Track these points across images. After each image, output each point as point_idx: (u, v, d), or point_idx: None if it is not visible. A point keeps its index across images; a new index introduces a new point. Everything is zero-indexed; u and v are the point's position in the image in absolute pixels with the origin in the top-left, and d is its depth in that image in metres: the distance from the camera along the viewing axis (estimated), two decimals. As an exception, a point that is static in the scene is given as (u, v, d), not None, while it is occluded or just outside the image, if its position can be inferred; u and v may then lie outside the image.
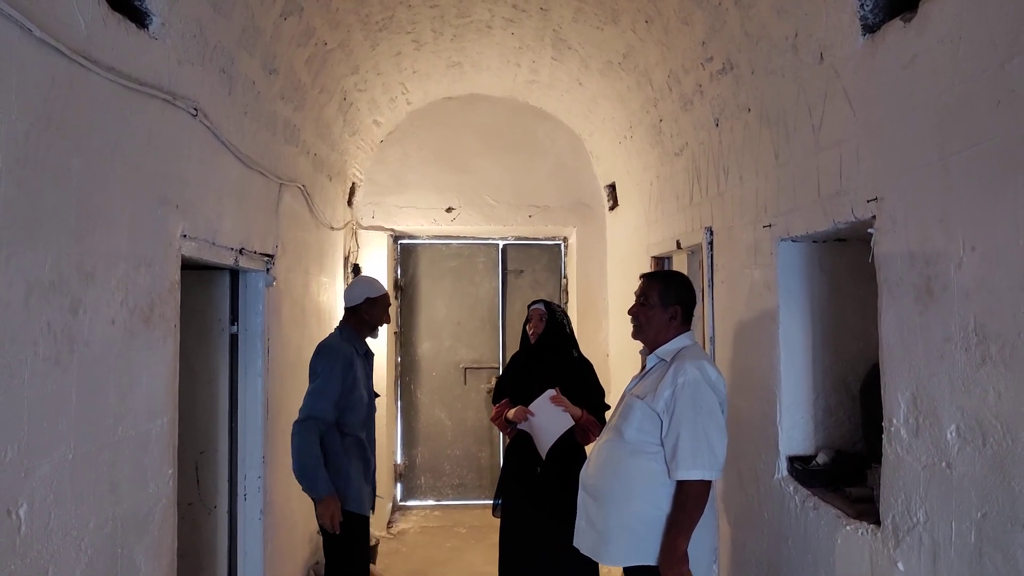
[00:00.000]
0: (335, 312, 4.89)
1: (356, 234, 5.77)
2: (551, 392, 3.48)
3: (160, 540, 2.22)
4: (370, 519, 3.64)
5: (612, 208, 5.89)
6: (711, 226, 3.58)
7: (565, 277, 6.63)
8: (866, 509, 2.36)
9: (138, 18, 2.13)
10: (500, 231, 6.36)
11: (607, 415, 3.32)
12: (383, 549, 5.45)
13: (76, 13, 1.82)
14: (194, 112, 2.47)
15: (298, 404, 3.37)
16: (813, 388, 2.88)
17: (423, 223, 6.10)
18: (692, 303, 2.71)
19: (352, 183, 5.52)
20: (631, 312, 2.72)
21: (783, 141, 2.76)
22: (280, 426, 3.63)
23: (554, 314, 3.78)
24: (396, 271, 6.51)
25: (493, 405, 3.93)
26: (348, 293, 3.54)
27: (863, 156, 2.21)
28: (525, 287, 6.68)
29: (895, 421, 2.09)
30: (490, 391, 6.52)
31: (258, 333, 3.45)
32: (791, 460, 2.84)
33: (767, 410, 2.95)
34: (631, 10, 3.64)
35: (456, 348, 6.61)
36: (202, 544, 3.36)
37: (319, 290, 4.60)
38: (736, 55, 3.04)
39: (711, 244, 3.58)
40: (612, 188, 5.80)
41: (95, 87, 1.91)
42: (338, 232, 5.11)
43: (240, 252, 3.07)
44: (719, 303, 3.53)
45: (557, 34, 4.37)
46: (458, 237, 6.54)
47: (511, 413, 3.66)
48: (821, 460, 2.79)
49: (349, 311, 3.53)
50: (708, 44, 3.23)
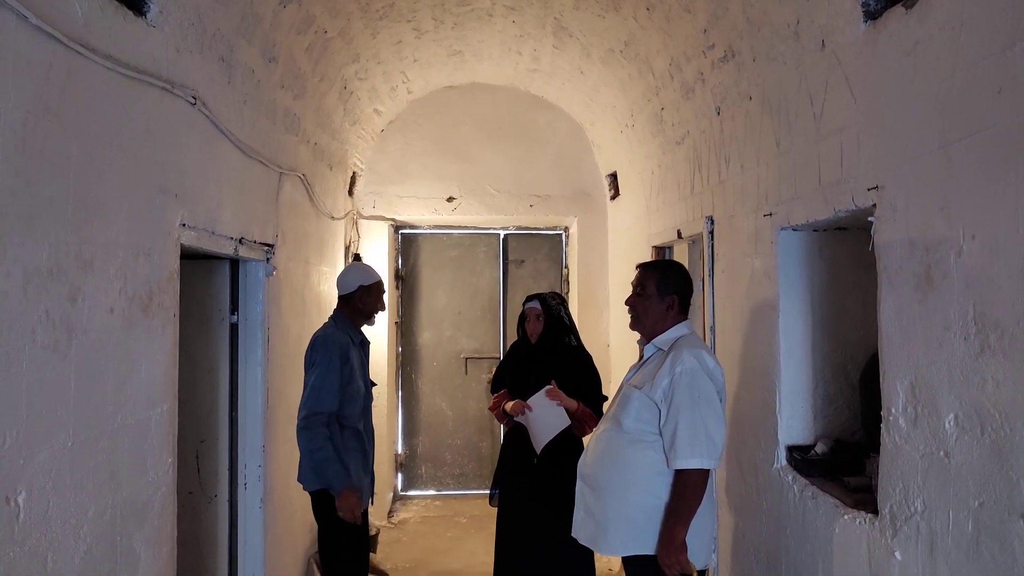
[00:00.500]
0: (335, 301, 4.88)
1: (357, 224, 5.77)
2: (548, 387, 3.47)
3: (160, 528, 2.23)
4: (369, 509, 3.65)
5: (613, 198, 5.87)
6: (712, 215, 3.57)
7: (566, 267, 6.63)
8: (864, 499, 2.36)
9: (136, 6, 2.12)
10: (501, 221, 6.35)
11: (605, 406, 3.33)
12: (384, 539, 5.47)
13: (73, 1, 1.81)
14: (193, 100, 2.46)
15: (298, 393, 3.35)
16: (813, 377, 2.87)
17: (424, 213, 6.09)
18: (689, 292, 2.71)
19: (353, 172, 5.51)
20: (628, 302, 2.72)
21: (784, 129, 2.75)
22: (280, 415, 3.64)
23: (550, 310, 3.72)
24: (397, 261, 6.51)
25: (492, 394, 3.93)
26: (341, 281, 3.48)
27: (864, 144, 2.20)
28: (526, 277, 6.68)
29: (893, 410, 2.08)
30: (491, 381, 6.52)
31: (258, 322, 3.45)
32: (790, 449, 2.84)
33: (767, 399, 2.95)
34: (632, -2, 3.62)
35: (457, 338, 6.61)
36: (203, 533, 3.38)
37: (319, 279, 4.60)
38: (738, 42, 3.03)
39: (712, 233, 3.57)
40: (613, 177, 5.78)
41: (93, 75, 1.90)
42: (339, 222, 5.11)
43: (240, 241, 3.06)
44: (719, 292, 3.52)
45: (558, 22, 4.35)
46: (459, 227, 6.53)
47: (509, 406, 3.66)
48: (820, 450, 2.79)
49: (343, 299, 3.47)
50: (710, 31, 3.21)
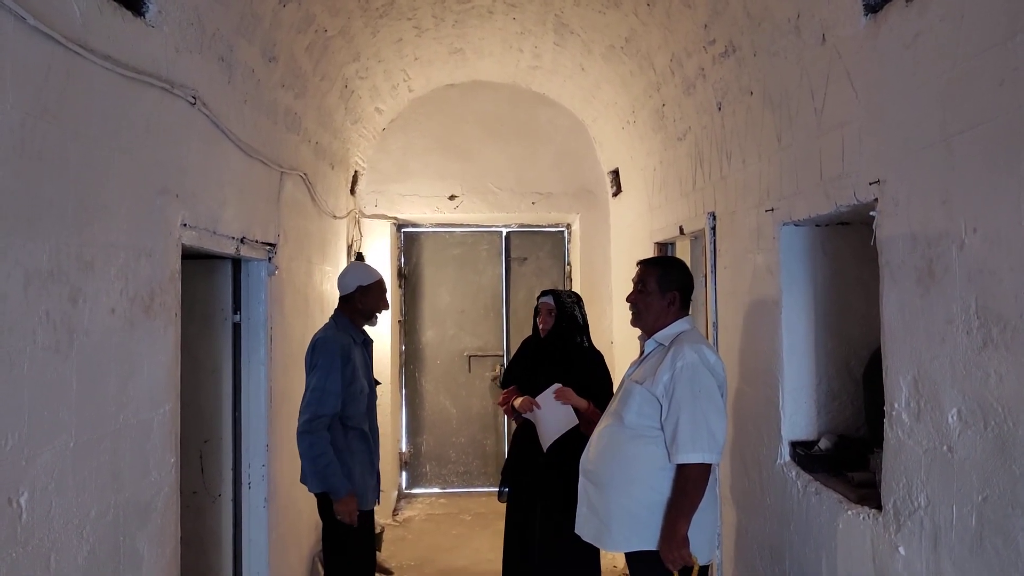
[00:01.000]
0: (337, 301, 4.87)
1: (359, 223, 5.77)
2: (556, 386, 3.46)
3: (163, 528, 2.23)
4: (375, 508, 3.65)
5: (615, 194, 5.86)
6: (714, 211, 3.56)
7: (569, 264, 6.62)
8: (868, 494, 2.35)
9: (134, 6, 2.12)
10: (503, 218, 6.35)
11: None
12: (388, 536, 5.48)
13: (71, 1, 1.81)
14: (193, 100, 2.46)
15: (302, 393, 3.32)
16: (816, 373, 2.87)
17: (426, 211, 6.09)
18: (690, 288, 2.70)
19: (355, 171, 5.51)
20: (629, 299, 2.72)
21: (785, 124, 2.74)
22: (283, 414, 3.64)
23: (563, 306, 3.71)
24: (400, 259, 6.51)
25: (502, 390, 3.93)
26: (340, 281, 3.44)
27: (865, 138, 2.19)
28: (529, 274, 6.68)
29: (896, 405, 2.08)
30: (495, 378, 6.53)
31: (261, 322, 3.45)
32: (793, 445, 2.84)
33: (770, 395, 2.94)
34: (632, -7, 3.62)
35: (460, 336, 6.61)
36: (207, 532, 3.38)
37: (322, 279, 4.60)
38: (738, 37, 3.02)
39: (714, 229, 3.56)
40: (615, 174, 5.77)
41: (92, 76, 1.91)
42: (341, 221, 5.11)
43: (241, 241, 3.07)
44: (722, 288, 3.51)
45: (559, 19, 4.34)
46: (461, 225, 6.53)
47: (518, 402, 3.66)
48: (824, 445, 2.78)
49: (343, 300, 3.43)
50: (710, 27, 3.20)
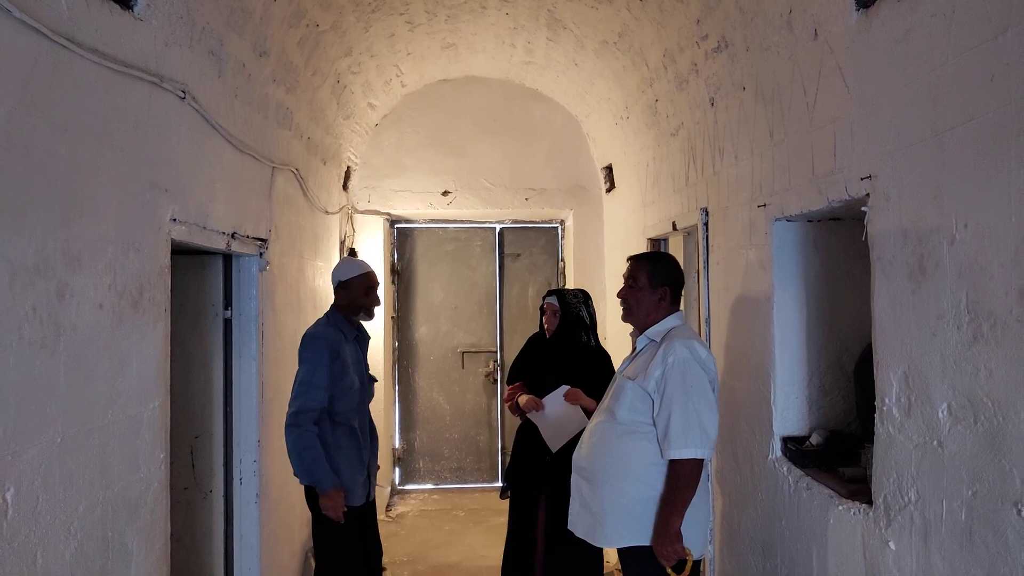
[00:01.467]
0: (331, 296, 4.86)
1: (352, 218, 5.75)
2: (564, 388, 3.44)
3: (153, 524, 2.22)
4: (375, 506, 3.64)
5: (609, 190, 5.86)
6: (707, 207, 3.56)
7: (562, 260, 6.62)
8: (859, 489, 2.36)
9: (122, -1, 2.10)
10: (497, 214, 6.33)
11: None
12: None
13: (57, -7, 1.79)
14: (182, 95, 2.44)
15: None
16: (808, 368, 2.87)
17: (419, 207, 6.07)
18: (680, 283, 2.70)
19: (347, 167, 5.49)
20: (620, 295, 2.71)
21: (778, 119, 2.74)
22: (275, 410, 3.63)
23: (568, 307, 3.68)
24: (393, 255, 6.50)
25: (507, 386, 3.92)
26: (332, 277, 3.50)
27: (857, 133, 2.19)
28: (523, 270, 6.67)
29: (887, 400, 2.08)
30: (488, 375, 6.52)
31: (252, 317, 3.44)
32: (785, 441, 2.84)
33: (762, 391, 2.95)
34: (625, -12, 3.61)
35: (454, 332, 6.60)
36: (198, 528, 3.37)
37: (315, 275, 4.58)
38: (731, 32, 3.01)
39: (707, 225, 3.56)
40: (609, 170, 5.77)
41: (79, 70, 1.89)
42: (333, 216, 5.09)
43: (232, 236, 3.05)
44: (714, 284, 3.52)
45: (552, 14, 4.33)
46: (455, 221, 6.52)
47: (523, 400, 3.65)
48: (815, 440, 2.79)
49: (335, 295, 3.49)
50: (703, 22, 3.19)
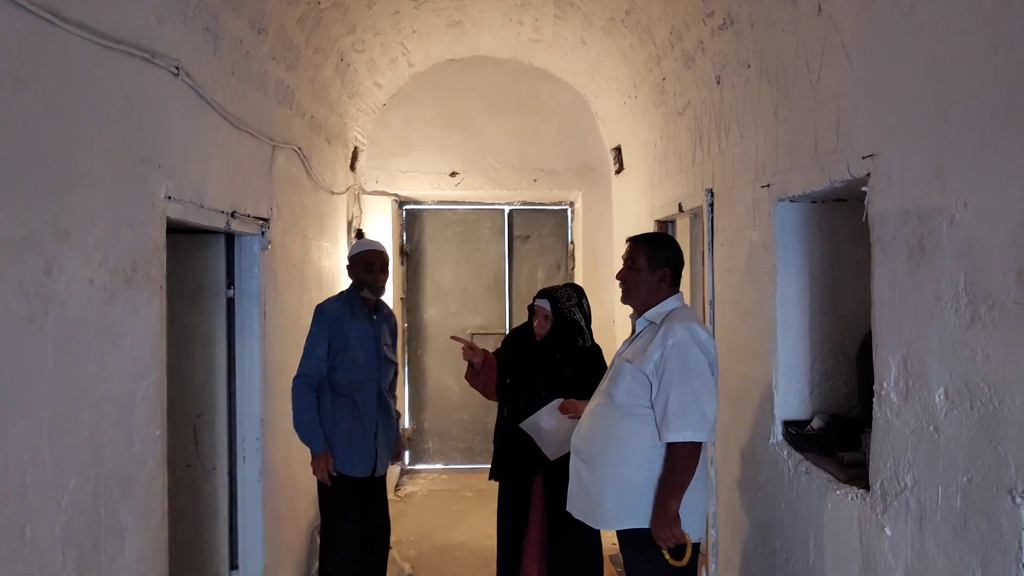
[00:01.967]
0: (338, 277, 4.88)
1: (360, 199, 5.73)
2: (558, 401, 3.25)
3: (148, 500, 2.23)
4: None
5: (618, 171, 5.80)
6: (711, 187, 3.51)
7: (572, 243, 6.58)
8: (858, 474, 2.33)
9: (113, -27, 2.08)
10: (505, 196, 6.30)
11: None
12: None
13: (43, -33, 1.77)
14: (176, 71, 2.42)
15: (297, 367, 3.46)
16: (810, 352, 2.83)
17: (427, 188, 6.05)
18: (680, 265, 2.66)
19: (354, 147, 5.46)
20: (619, 276, 2.68)
21: (782, 97, 2.68)
22: (279, 389, 3.64)
23: (561, 313, 3.39)
24: (402, 236, 6.49)
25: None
26: None
27: (860, 110, 2.13)
28: (532, 252, 6.64)
29: (885, 384, 2.04)
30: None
31: (254, 296, 3.43)
32: (786, 425, 2.81)
33: (764, 374, 2.91)
34: (632, -36, 3.54)
35: (463, 314, 6.60)
36: (202, 505, 3.40)
37: (320, 255, 4.58)
38: (736, 9, 2.95)
39: (711, 206, 3.51)
40: (618, 151, 5.70)
41: (68, 45, 1.87)
42: (339, 196, 5.08)
43: (232, 215, 3.04)
44: (719, 266, 3.47)
45: (558, -9, 4.27)
46: (464, 202, 6.49)
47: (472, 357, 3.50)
48: (816, 425, 2.75)
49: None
50: (709, -2, 3.13)
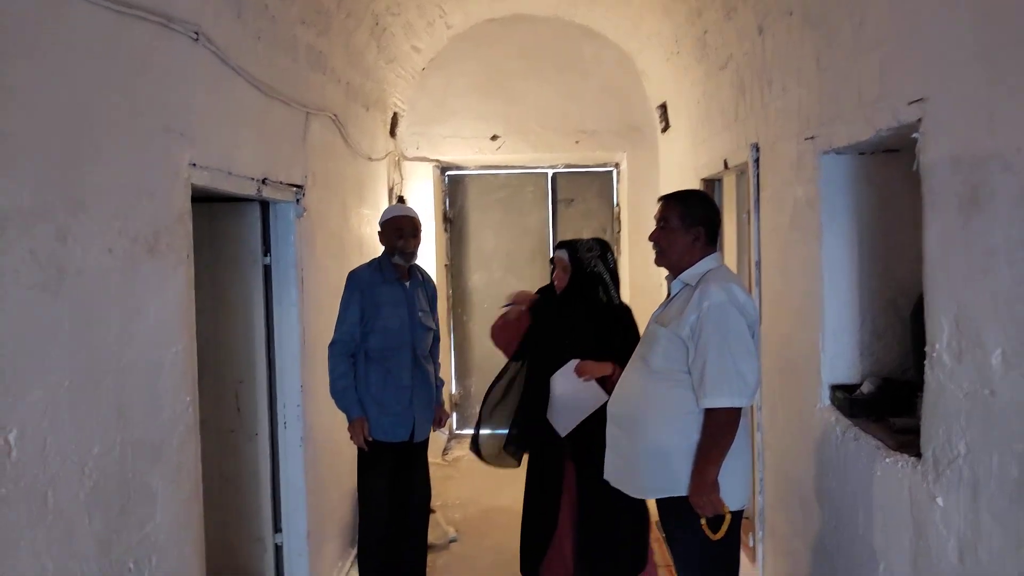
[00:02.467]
0: (379, 244, 4.84)
1: (400, 165, 5.69)
2: (574, 362, 3.13)
3: (180, 466, 2.26)
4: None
5: (664, 130, 5.61)
6: (757, 142, 3.34)
7: (617, 205, 6.42)
8: (909, 440, 2.19)
9: (125, -64, 2.04)
10: (548, 159, 6.18)
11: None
12: (437, 475, 5.51)
13: (49, -71, 1.74)
14: (195, 36, 2.39)
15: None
16: (860, 312, 2.68)
17: (469, 153, 5.97)
18: (716, 223, 2.52)
19: (394, 113, 5.41)
20: (652, 237, 2.55)
21: (824, 44, 2.50)
22: (319, 355, 3.65)
23: (580, 264, 3.24)
24: (444, 202, 6.44)
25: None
26: None
27: (906, 54, 1.96)
28: (576, 216, 6.52)
29: (938, 345, 1.90)
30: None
31: (291, 264, 3.44)
32: (834, 389, 2.68)
33: (810, 336, 2.77)
34: (669, -93, 3.35)
35: (507, 279, 6.54)
36: (246, 470, 3.46)
37: (360, 222, 4.56)
38: (779, -51, 2.76)
39: (757, 162, 3.34)
40: (663, 108, 5.51)
41: (76, 10, 1.85)
42: (379, 163, 5.04)
43: (263, 182, 3.03)
44: (765, 224, 3.31)
45: (596, -59, 4.09)
46: (506, 167, 6.39)
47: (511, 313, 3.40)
48: (867, 389, 2.61)
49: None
50: (751, -61, 2.94)
